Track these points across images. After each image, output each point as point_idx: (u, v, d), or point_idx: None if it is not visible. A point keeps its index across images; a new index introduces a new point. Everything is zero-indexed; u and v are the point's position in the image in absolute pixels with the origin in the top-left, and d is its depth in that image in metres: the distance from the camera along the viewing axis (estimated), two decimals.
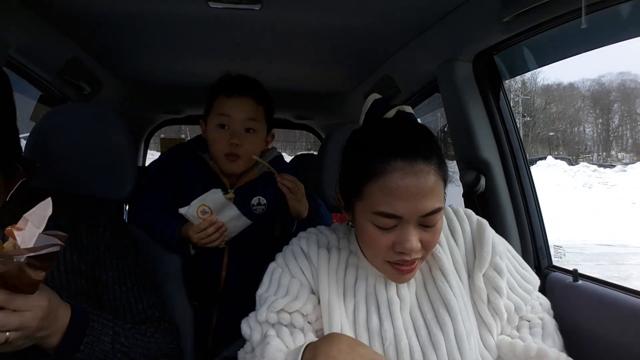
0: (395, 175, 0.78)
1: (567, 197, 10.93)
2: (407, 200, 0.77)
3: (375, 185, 0.79)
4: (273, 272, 0.91)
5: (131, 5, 1.42)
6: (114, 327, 0.85)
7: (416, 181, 0.78)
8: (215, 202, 1.25)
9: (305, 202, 1.33)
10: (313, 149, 12.74)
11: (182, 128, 14.36)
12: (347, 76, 2.22)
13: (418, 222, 0.80)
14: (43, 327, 0.72)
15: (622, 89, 42.98)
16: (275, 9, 1.39)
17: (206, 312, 1.42)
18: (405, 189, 0.77)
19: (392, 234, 0.80)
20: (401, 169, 0.78)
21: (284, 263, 0.91)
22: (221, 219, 1.26)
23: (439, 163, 0.82)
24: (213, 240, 1.25)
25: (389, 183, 0.78)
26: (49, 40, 1.58)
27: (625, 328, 1.05)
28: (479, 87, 1.50)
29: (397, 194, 0.77)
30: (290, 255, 0.92)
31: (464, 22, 1.37)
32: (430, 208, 0.79)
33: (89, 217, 0.98)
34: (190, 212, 1.25)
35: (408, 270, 0.83)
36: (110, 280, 0.96)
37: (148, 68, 2.17)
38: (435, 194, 0.80)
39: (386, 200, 0.78)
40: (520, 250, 1.46)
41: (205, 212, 1.25)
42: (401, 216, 0.78)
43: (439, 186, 0.81)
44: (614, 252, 7.35)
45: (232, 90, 1.35)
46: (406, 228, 0.79)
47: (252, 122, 1.36)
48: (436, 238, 0.83)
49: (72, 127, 1.16)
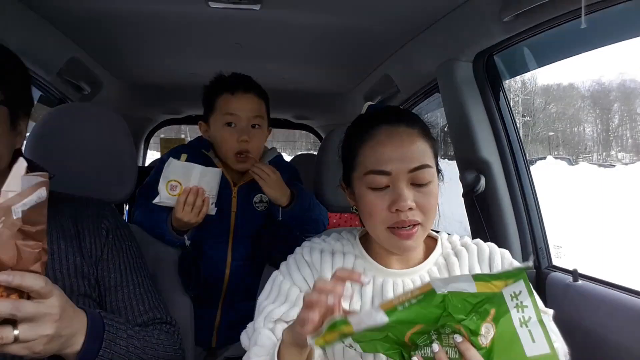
0: (381, 137, 0.86)
1: (567, 197, 10.93)
2: (394, 155, 0.84)
3: (365, 150, 0.87)
4: (275, 279, 0.93)
5: (131, 5, 1.42)
6: (127, 331, 0.85)
7: (400, 139, 0.85)
8: (177, 171, 1.22)
9: (281, 189, 1.33)
10: (313, 149, 12.72)
11: (182, 128, 14.35)
12: (347, 76, 2.22)
13: (409, 179, 0.84)
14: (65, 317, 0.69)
15: (622, 88, 43.00)
16: (275, 9, 1.39)
17: (210, 312, 1.42)
18: (390, 144, 0.85)
19: (387, 196, 0.84)
20: (385, 131, 0.86)
21: (286, 271, 0.93)
22: (192, 184, 1.23)
23: (424, 131, 0.88)
24: (200, 208, 1.22)
25: (376, 144, 0.86)
26: (49, 40, 1.58)
27: (625, 328, 1.05)
28: (479, 87, 1.50)
29: (383, 151, 0.85)
30: (293, 264, 0.94)
31: (464, 22, 1.37)
32: (417, 162, 0.84)
33: (91, 218, 0.97)
34: (162, 196, 1.22)
35: (408, 235, 0.83)
36: (113, 282, 0.96)
37: (148, 68, 2.17)
38: (422, 152, 0.86)
39: (375, 159, 0.85)
40: (520, 250, 1.46)
41: (174, 186, 1.22)
42: (390, 172, 0.84)
43: (426, 148, 0.87)
44: (613, 252, 7.35)
45: (235, 88, 1.36)
46: (398, 186, 0.83)
47: (257, 118, 1.38)
48: (432, 201, 0.85)
49: (72, 127, 1.16)
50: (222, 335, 1.43)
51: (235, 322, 1.42)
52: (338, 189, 1.14)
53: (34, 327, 0.65)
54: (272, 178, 1.31)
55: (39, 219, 0.64)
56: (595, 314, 1.14)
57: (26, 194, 0.61)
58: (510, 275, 0.64)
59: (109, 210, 1.03)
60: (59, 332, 0.69)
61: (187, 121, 3.35)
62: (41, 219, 0.64)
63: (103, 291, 0.95)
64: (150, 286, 1.01)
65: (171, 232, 1.26)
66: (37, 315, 0.65)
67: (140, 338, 0.87)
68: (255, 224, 1.40)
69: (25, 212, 0.61)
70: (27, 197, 0.61)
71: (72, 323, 0.72)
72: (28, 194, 0.61)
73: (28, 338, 0.65)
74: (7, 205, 0.60)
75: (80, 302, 0.90)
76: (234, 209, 1.40)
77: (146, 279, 1.01)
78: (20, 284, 0.62)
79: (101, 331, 0.79)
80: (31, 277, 0.64)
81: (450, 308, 0.62)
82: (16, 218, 0.61)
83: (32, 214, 0.62)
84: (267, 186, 1.31)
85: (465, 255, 0.92)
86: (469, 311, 0.62)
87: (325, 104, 2.77)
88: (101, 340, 0.78)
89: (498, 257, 0.91)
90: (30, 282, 0.63)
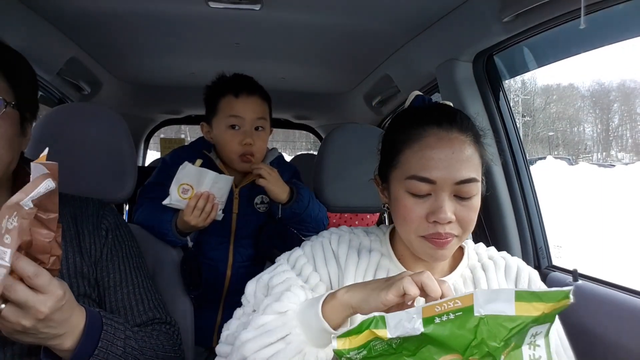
0: (430, 140, 0.78)
1: (567, 197, 10.94)
2: (441, 164, 0.76)
3: (410, 152, 0.79)
4: (298, 258, 0.88)
5: (131, 5, 1.42)
6: (125, 331, 0.84)
7: (451, 147, 0.77)
8: (190, 175, 1.23)
9: (281, 186, 1.33)
10: (313, 149, 12.74)
11: (182, 128, 14.37)
12: (347, 76, 2.23)
13: (453, 191, 0.77)
14: (53, 320, 0.69)
15: (622, 89, 42.99)
16: (275, 9, 1.39)
17: (211, 312, 1.42)
18: (440, 152, 0.77)
19: (427, 204, 0.78)
20: (436, 135, 0.78)
21: (311, 254, 0.88)
22: (204, 189, 1.24)
23: (476, 139, 0.81)
24: (209, 213, 1.23)
25: (424, 147, 0.78)
26: (49, 40, 1.58)
27: (625, 328, 1.06)
28: (479, 87, 1.50)
29: (431, 157, 0.77)
30: (319, 249, 0.89)
31: (464, 22, 1.37)
32: (465, 176, 0.77)
33: (91, 218, 0.97)
34: (173, 198, 1.23)
35: (442, 244, 0.78)
36: (112, 282, 0.95)
37: (148, 68, 2.17)
38: (471, 164, 0.78)
39: (420, 165, 0.77)
40: (520, 250, 1.46)
41: (186, 190, 1.23)
42: (435, 181, 0.76)
43: (475, 158, 0.80)
44: (613, 252, 7.35)
45: (239, 90, 1.36)
46: (440, 196, 0.77)
47: (260, 120, 1.38)
48: (472, 215, 0.79)
49: (72, 127, 1.16)
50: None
51: None
52: (338, 189, 1.14)
53: (17, 312, 0.65)
54: (273, 176, 1.32)
55: (51, 207, 0.64)
56: (595, 314, 1.14)
57: (31, 187, 0.61)
58: (552, 297, 0.59)
59: (109, 210, 1.03)
60: (38, 329, 0.68)
61: (187, 121, 3.35)
62: (53, 207, 0.64)
63: (102, 291, 0.95)
64: (150, 286, 1.01)
65: (175, 233, 1.27)
66: (23, 304, 0.65)
67: (138, 339, 0.87)
68: (256, 225, 1.40)
69: (37, 200, 0.62)
70: (34, 191, 0.61)
71: (62, 325, 0.71)
72: (34, 187, 0.61)
73: (7, 318, 0.65)
74: (15, 201, 0.61)
75: (80, 302, 0.89)
76: (236, 210, 1.40)
77: (146, 279, 1.01)
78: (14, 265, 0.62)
79: (98, 331, 0.79)
80: (24, 262, 0.63)
81: (485, 333, 0.59)
82: (29, 209, 0.61)
83: (44, 202, 0.63)
84: (269, 184, 1.32)
85: (493, 269, 0.88)
86: (504, 338, 0.59)
87: (325, 104, 2.77)
88: (97, 340, 0.78)
89: (525, 275, 0.88)
90: (22, 265, 0.62)
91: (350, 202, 1.34)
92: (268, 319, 0.72)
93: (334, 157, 1.33)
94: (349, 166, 1.33)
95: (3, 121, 0.82)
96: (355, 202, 1.33)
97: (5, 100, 0.82)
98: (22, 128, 0.88)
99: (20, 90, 0.86)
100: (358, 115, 2.60)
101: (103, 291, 0.95)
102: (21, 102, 0.86)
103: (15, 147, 0.86)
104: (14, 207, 0.61)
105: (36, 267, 0.64)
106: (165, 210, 1.26)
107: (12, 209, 0.61)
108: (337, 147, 1.34)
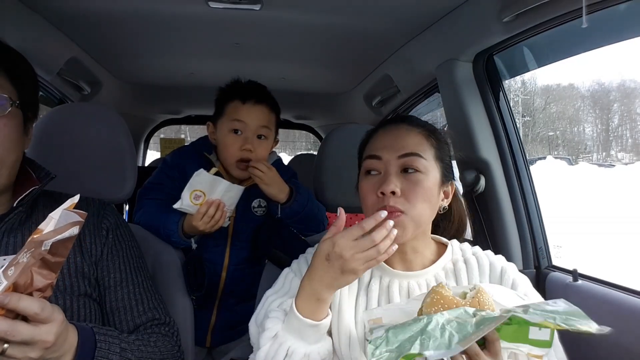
0: (382, 132, 0.94)
1: (567, 197, 10.93)
2: (387, 143, 0.90)
3: (367, 147, 0.94)
4: (286, 276, 0.96)
5: (131, 5, 1.42)
6: (120, 344, 0.84)
7: (397, 131, 0.92)
8: (203, 182, 1.25)
9: (278, 186, 1.34)
10: (313, 149, 12.73)
11: (182, 128, 14.36)
12: (347, 76, 2.22)
13: (400, 165, 0.88)
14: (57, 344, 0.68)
15: (622, 89, 43.00)
16: (275, 9, 1.39)
17: (205, 313, 1.42)
18: (386, 135, 0.92)
19: (378, 182, 0.88)
20: (387, 129, 0.94)
21: (297, 268, 0.96)
22: (215, 196, 1.26)
23: (425, 131, 0.92)
24: (218, 220, 1.26)
25: (375, 137, 0.94)
26: (49, 40, 1.58)
27: (625, 328, 1.05)
28: (479, 87, 1.50)
29: (379, 139, 0.92)
30: (304, 262, 0.97)
31: (464, 22, 1.37)
32: (408, 149, 0.88)
33: (92, 218, 0.98)
34: (184, 203, 1.25)
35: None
36: (113, 282, 0.96)
37: (148, 68, 2.17)
38: (417, 144, 0.90)
39: (372, 147, 0.92)
40: (520, 250, 1.46)
41: (198, 196, 1.25)
42: (381, 156, 0.89)
43: (424, 144, 0.90)
44: (613, 252, 7.35)
45: (247, 96, 1.36)
46: (387, 170, 0.88)
47: (264, 129, 1.38)
48: (417, 190, 0.86)
49: (72, 127, 1.16)
50: (216, 335, 1.45)
51: (230, 323, 1.44)
52: (338, 189, 1.15)
53: (24, 348, 0.64)
54: (268, 175, 1.32)
55: (62, 252, 0.64)
56: (595, 314, 1.13)
57: (61, 230, 0.62)
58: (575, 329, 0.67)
59: (110, 210, 1.03)
60: (44, 356, 0.68)
61: (187, 121, 3.35)
62: (64, 252, 0.64)
63: (103, 291, 0.95)
64: (149, 286, 1.01)
65: (180, 234, 1.28)
66: (31, 340, 0.64)
67: (134, 349, 0.86)
68: (253, 229, 1.40)
69: (53, 243, 0.62)
70: (61, 235, 0.62)
71: (62, 347, 0.71)
72: (62, 230, 0.62)
73: (14, 356, 0.64)
74: (41, 240, 0.61)
75: (81, 301, 0.90)
76: (233, 213, 1.40)
77: (146, 279, 1.01)
78: (16, 307, 0.61)
79: (92, 349, 0.78)
80: (27, 301, 0.62)
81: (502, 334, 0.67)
82: (44, 249, 0.61)
83: (58, 246, 0.63)
84: (265, 183, 1.31)
85: (475, 265, 0.91)
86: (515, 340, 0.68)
87: (325, 104, 2.77)
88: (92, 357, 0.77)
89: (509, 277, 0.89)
90: (25, 305, 0.62)
91: (350, 202, 1.34)
92: (265, 348, 0.81)
93: (334, 157, 1.33)
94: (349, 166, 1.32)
95: (9, 120, 0.83)
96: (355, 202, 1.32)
97: (10, 99, 0.83)
98: (25, 128, 0.89)
99: (23, 90, 0.87)
100: (358, 115, 2.60)
101: (103, 291, 0.95)
102: (24, 102, 0.87)
103: (20, 147, 0.87)
104: (38, 244, 0.61)
105: (39, 301, 0.64)
106: (172, 211, 1.27)
107: (36, 245, 0.61)
108: (337, 147, 1.33)
